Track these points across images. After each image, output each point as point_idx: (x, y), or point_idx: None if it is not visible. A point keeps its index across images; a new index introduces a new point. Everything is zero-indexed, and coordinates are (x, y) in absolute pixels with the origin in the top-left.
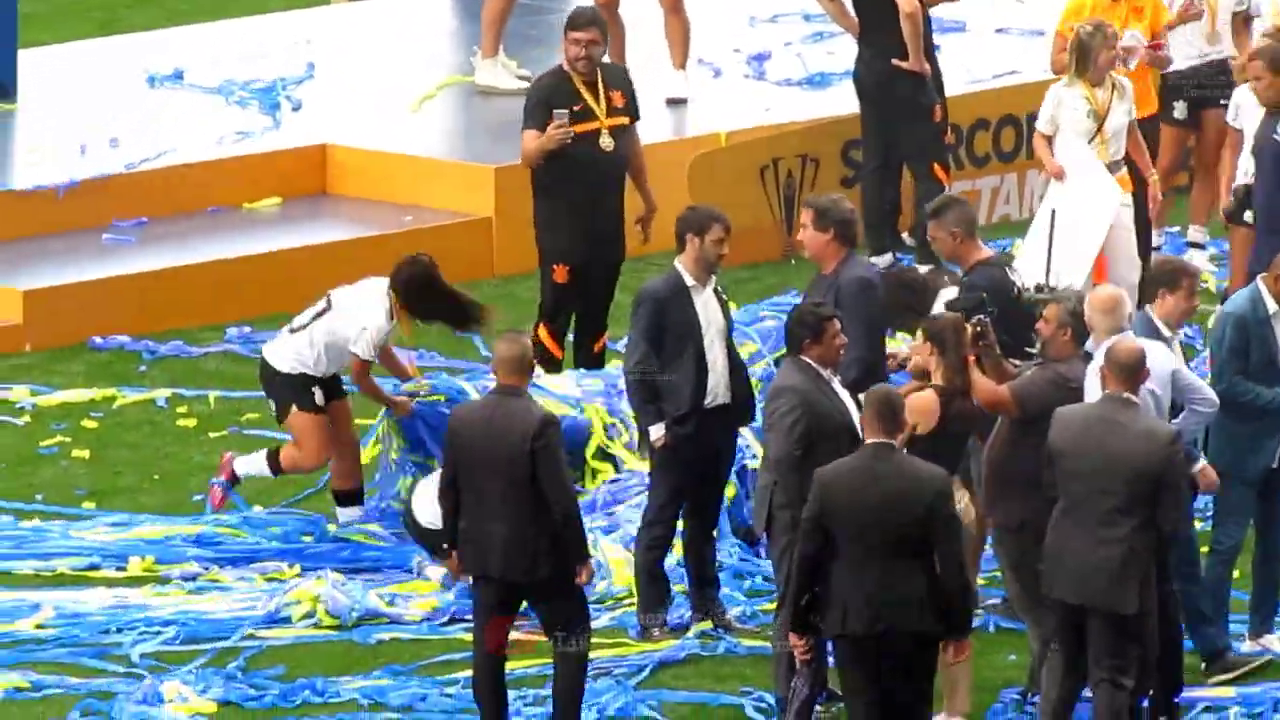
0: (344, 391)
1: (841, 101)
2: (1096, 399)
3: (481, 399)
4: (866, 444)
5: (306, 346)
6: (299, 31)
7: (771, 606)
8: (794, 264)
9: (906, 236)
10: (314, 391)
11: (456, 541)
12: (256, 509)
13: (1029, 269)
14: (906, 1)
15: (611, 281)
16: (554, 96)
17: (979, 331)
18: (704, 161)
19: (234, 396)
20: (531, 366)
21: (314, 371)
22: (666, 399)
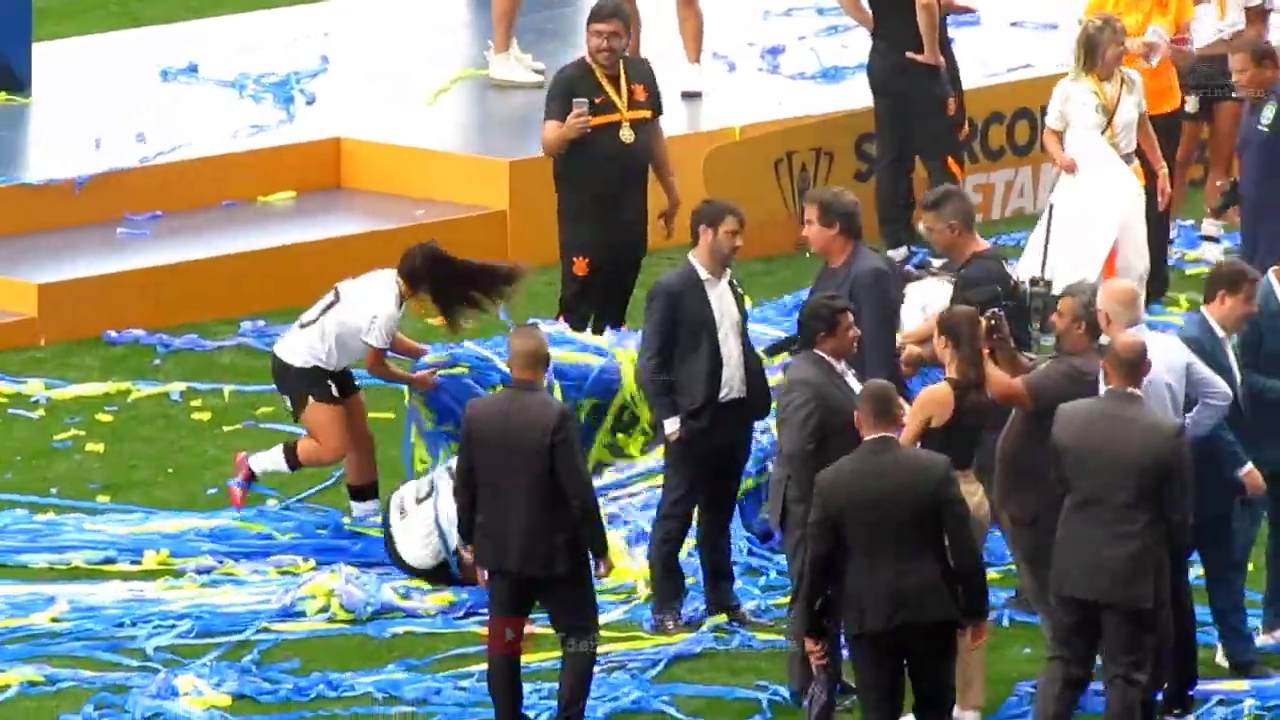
0: (356, 386)
1: (855, 95)
2: (1100, 395)
3: (496, 394)
4: (865, 440)
5: (318, 340)
6: (313, 25)
7: (785, 600)
8: (809, 257)
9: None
10: (329, 384)
11: (473, 537)
12: (271, 503)
13: (1027, 262)
14: None
15: (632, 275)
16: (575, 88)
17: (993, 325)
18: (718, 155)
19: (248, 390)
20: (546, 360)
21: (327, 365)
22: (681, 392)
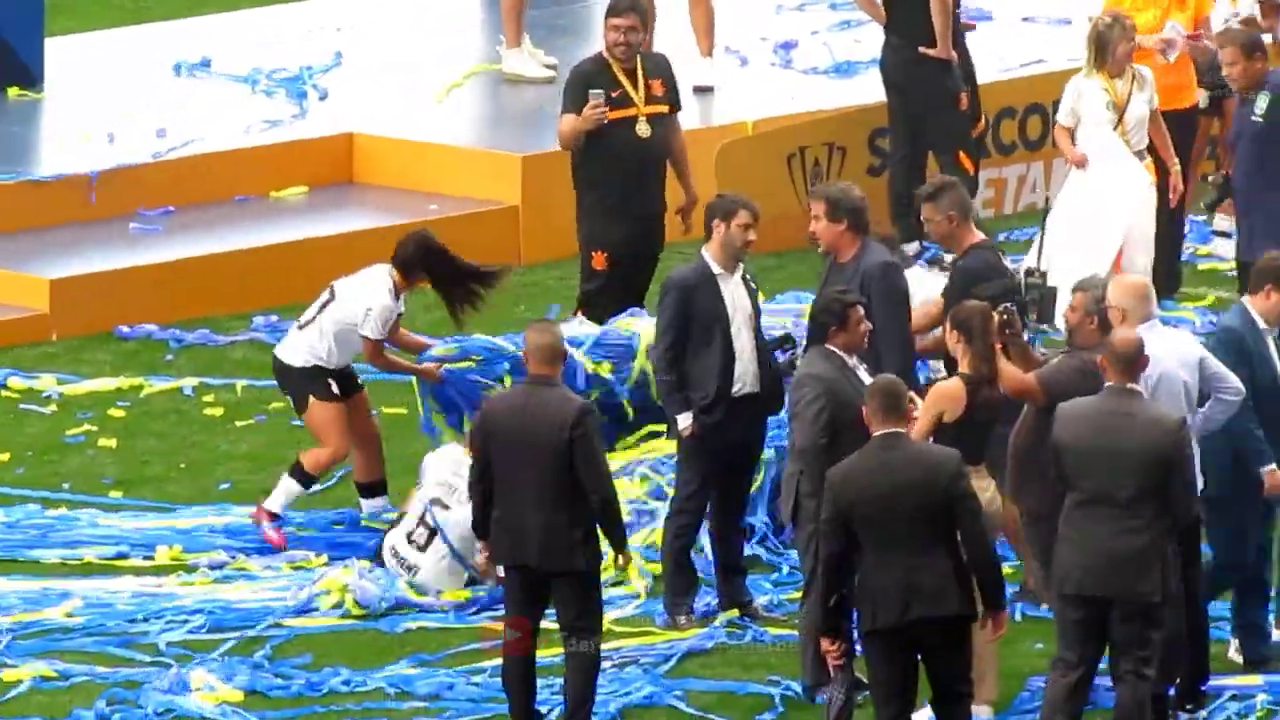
0: (359, 385)
1: (868, 90)
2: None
3: (513, 390)
4: (874, 436)
5: (317, 338)
6: (326, 20)
7: (798, 595)
8: (821, 251)
9: None
10: (329, 382)
11: (488, 532)
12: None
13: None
14: None
15: (650, 270)
16: (592, 82)
17: (1005, 319)
18: (731, 150)
19: (260, 385)
20: (563, 355)
21: (327, 363)
22: (693, 387)
